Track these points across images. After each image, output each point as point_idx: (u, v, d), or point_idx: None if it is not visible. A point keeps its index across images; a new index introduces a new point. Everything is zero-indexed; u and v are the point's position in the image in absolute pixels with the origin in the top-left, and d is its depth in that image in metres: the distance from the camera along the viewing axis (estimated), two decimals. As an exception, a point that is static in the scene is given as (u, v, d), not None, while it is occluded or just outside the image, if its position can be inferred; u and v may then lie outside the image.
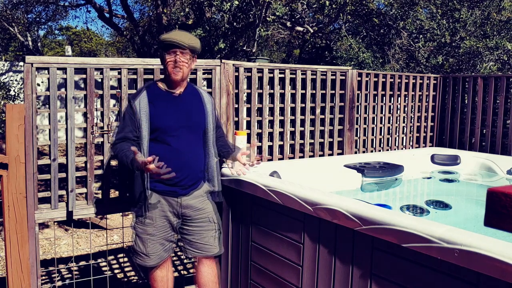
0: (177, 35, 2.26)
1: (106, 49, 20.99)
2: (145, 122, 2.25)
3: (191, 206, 2.38)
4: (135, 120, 2.25)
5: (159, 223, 2.35)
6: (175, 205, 2.35)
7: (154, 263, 2.38)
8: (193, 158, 2.37)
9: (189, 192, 2.36)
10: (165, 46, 2.27)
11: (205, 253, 2.44)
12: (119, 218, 5.58)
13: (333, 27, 10.30)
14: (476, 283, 1.48)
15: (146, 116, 2.25)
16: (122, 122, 2.33)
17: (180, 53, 2.25)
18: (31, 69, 2.46)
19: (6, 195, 2.40)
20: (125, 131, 2.27)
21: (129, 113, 2.28)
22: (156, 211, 2.33)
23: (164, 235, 2.38)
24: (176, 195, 2.34)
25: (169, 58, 2.26)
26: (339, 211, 1.92)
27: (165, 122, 2.28)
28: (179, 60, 2.25)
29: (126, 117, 2.29)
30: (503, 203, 0.71)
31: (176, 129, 2.30)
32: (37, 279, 2.59)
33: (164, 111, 2.30)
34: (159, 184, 2.30)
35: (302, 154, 3.56)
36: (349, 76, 3.75)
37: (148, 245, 2.35)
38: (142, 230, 2.35)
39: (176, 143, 2.29)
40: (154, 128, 2.26)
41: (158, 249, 2.38)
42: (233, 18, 6.40)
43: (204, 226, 2.43)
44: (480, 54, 6.91)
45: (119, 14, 10.44)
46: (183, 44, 2.24)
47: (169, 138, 2.28)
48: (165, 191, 2.32)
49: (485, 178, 3.74)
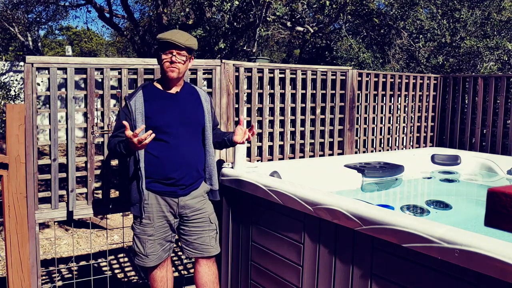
0: (174, 35, 2.26)
1: (106, 49, 21.00)
2: (140, 121, 2.24)
3: (189, 206, 2.37)
4: (130, 120, 2.25)
5: (157, 223, 2.34)
6: (174, 205, 2.34)
7: (153, 263, 2.38)
8: (192, 156, 2.36)
9: (188, 193, 2.36)
10: (162, 46, 2.27)
11: (203, 253, 2.44)
12: (119, 218, 5.59)
13: (333, 27, 10.30)
14: (476, 283, 1.48)
15: (142, 115, 2.25)
16: (117, 122, 2.33)
17: (177, 53, 2.26)
18: (31, 69, 2.46)
19: (7, 195, 2.40)
20: (120, 131, 2.27)
21: (124, 113, 2.29)
22: (154, 211, 2.32)
23: (163, 235, 2.38)
24: (176, 196, 2.33)
25: (165, 57, 2.26)
26: (339, 211, 1.92)
27: (161, 121, 2.27)
28: (175, 60, 2.25)
29: (121, 117, 2.30)
30: (503, 203, 0.71)
31: (173, 127, 2.29)
32: (38, 279, 2.59)
33: (160, 110, 2.29)
34: (158, 184, 2.29)
35: (303, 154, 3.56)
36: (349, 76, 3.75)
37: (147, 245, 2.34)
38: (140, 230, 2.35)
39: (174, 141, 2.29)
40: (151, 127, 2.25)
41: (157, 250, 2.37)
42: (233, 18, 6.40)
43: (203, 227, 2.43)
44: (480, 54, 6.91)
45: (119, 14, 10.45)
46: (180, 44, 2.24)
47: (166, 136, 2.28)
48: (164, 192, 2.31)
49: (486, 178, 3.74)
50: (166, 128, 2.28)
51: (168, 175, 2.28)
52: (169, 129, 2.28)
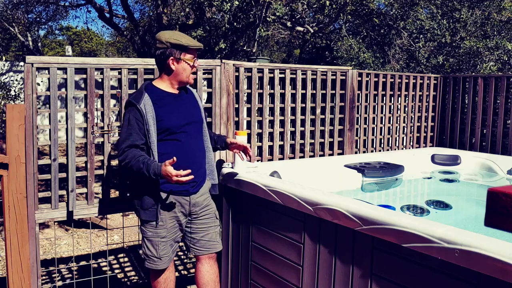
0: (194, 41, 2.32)
1: (106, 49, 21.00)
2: (152, 125, 2.23)
3: (198, 203, 2.40)
4: (143, 124, 2.21)
5: (169, 224, 2.34)
6: (185, 204, 2.35)
7: (166, 265, 2.38)
8: (200, 153, 2.43)
9: (198, 190, 2.40)
10: (184, 50, 2.30)
11: (210, 250, 2.46)
12: (119, 218, 5.59)
13: (334, 27, 10.30)
14: (476, 283, 1.48)
15: (153, 119, 2.24)
16: (127, 127, 2.23)
17: (196, 58, 2.34)
18: (31, 69, 2.46)
19: (7, 195, 2.40)
20: (133, 138, 2.21)
21: (136, 117, 2.21)
22: (167, 212, 2.32)
23: (173, 236, 2.39)
24: (188, 194, 2.35)
25: (190, 63, 2.32)
26: (339, 211, 1.92)
27: (172, 122, 2.29)
28: (196, 65, 2.34)
29: (133, 122, 2.21)
30: (503, 203, 0.71)
31: (182, 127, 2.33)
32: (38, 279, 2.59)
33: (169, 111, 2.31)
34: (170, 184, 2.25)
35: (303, 154, 3.56)
36: (350, 76, 3.75)
37: (160, 248, 2.33)
38: (153, 233, 2.32)
39: (184, 140, 2.33)
40: (162, 129, 2.27)
41: (169, 251, 2.38)
42: (233, 18, 6.39)
43: (209, 223, 2.47)
44: (480, 54, 6.91)
45: (119, 14, 10.45)
46: (200, 50, 2.33)
47: (178, 136, 2.31)
48: (177, 191, 2.31)
49: (486, 178, 3.74)
50: (177, 128, 2.30)
51: None
52: (179, 129, 2.31)
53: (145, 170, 2.13)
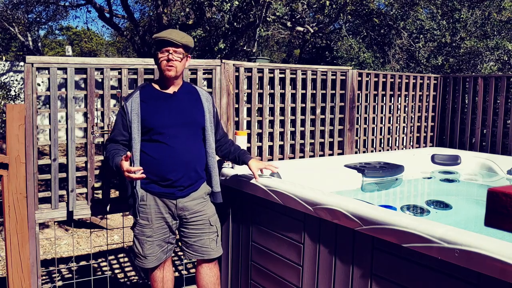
0: (170, 33, 2.26)
1: (106, 49, 21.00)
2: (136, 122, 2.24)
3: (187, 208, 2.34)
4: (126, 121, 2.26)
5: (156, 224, 2.33)
6: (172, 206, 2.32)
7: (152, 265, 2.38)
8: (190, 157, 2.32)
9: (187, 194, 2.34)
10: (158, 44, 2.27)
11: (203, 256, 2.43)
12: (119, 218, 5.59)
13: (334, 27, 10.30)
14: (476, 283, 1.48)
15: (137, 116, 2.24)
16: (114, 124, 2.35)
17: (173, 51, 2.25)
18: (31, 69, 2.46)
19: (7, 195, 2.40)
20: (115, 133, 2.31)
21: (120, 114, 2.30)
22: (153, 212, 2.31)
23: (162, 236, 2.36)
24: (174, 197, 2.31)
25: (162, 56, 2.26)
26: (339, 211, 1.92)
27: (157, 121, 2.26)
28: (172, 58, 2.25)
29: (118, 119, 2.31)
30: (503, 203, 0.71)
31: (170, 128, 2.27)
32: (38, 279, 2.59)
33: (156, 110, 2.28)
34: (155, 185, 2.27)
35: (303, 154, 3.56)
36: (350, 76, 3.75)
37: (145, 247, 2.34)
38: (139, 231, 2.34)
39: (171, 142, 2.26)
40: (147, 128, 2.25)
41: (156, 251, 2.36)
42: (233, 18, 6.40)
43: (202, 229, 2.41)
44: (480, 54, 6.91)
45: (119, 14, 10.45)
46: (176, 42, 2.24)
47: (163, 137, 2.26)
48: (161, 193, 2.29)
49: (486, 178, 3.74)
50: (161, 129, 2.26)
51: (165, 176, 2.26)
52: (165, 130, 2.26)
53: (111, 162, 2.24)
